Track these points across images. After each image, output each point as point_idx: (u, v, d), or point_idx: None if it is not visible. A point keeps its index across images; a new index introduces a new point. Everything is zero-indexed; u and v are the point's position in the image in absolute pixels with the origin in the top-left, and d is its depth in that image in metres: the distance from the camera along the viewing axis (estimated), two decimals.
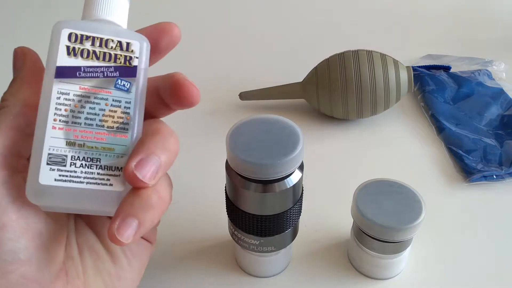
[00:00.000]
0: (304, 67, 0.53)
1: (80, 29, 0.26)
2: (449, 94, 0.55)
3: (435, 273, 0.37)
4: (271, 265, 0.36)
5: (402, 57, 0.53)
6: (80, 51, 0.26)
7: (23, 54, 0.27)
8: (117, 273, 0.29)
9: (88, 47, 0.27)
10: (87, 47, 0.27)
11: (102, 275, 0.28)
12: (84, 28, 0.27)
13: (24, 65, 0.27)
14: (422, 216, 0.32)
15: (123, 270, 0.29)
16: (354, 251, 0.36)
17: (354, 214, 0.34)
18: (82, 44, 0.27)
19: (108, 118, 0.26)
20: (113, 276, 0.29)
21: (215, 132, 0.36)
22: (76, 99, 0.26)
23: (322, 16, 0.76)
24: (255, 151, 0.28)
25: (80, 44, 0.27)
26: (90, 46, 0.27)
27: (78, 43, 0.26)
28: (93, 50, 0.27)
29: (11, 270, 0.23)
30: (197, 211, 0.42)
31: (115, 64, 0.27)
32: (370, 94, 0.48)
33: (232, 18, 0.76)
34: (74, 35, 0.26)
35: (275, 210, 0.31)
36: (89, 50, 0.27)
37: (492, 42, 0.67)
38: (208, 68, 0.62)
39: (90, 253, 0.28)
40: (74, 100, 0.26)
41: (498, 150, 0.47)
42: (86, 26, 0.27)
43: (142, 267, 0.31)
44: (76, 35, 0.26)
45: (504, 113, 0.53)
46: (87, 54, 0.27)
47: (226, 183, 0.32)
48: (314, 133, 0.51)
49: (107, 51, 0.27)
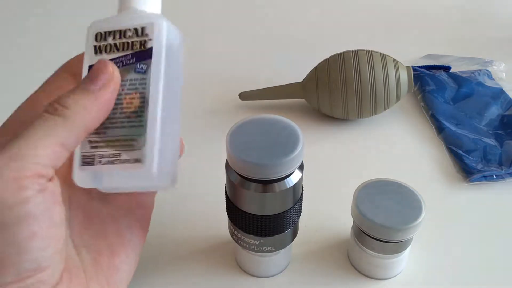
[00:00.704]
0: (304, 67, 0.53)
1: (105, 26, 0.28)
2: (449, 94, 0.55)
3: (435, 273, 0.37)
4: (271, 265, 0.36)
5: (402, 57, 0.53)
6: (104, 47, 0.28)
7: (107, 70, 0.27)
8: (116, 266, 0.30)
9: (110, 41, 0.28)
10: (109, 42, 0.28)
11: (102, 269, 0.29)
12: (109, 24, 0.28)
13: (98, 79, 0.26)
14: (422, 216, 0.32)
15: (122, 262, 0.30)
16: (354, 251, 0.36)
17: (354, 214, 0.34)
18: (106, 40, 0.28)
19: (127, 105, 0.27)
20: (112, 269, 0.30)
21: (215, 132, 0.36)
22: None
23: (322, 16, 0.76)
24: (255, 151, 0.28)
25: (104, 40, 0.28)
26: (112, 40, 0.28)
27: (103, 41, 0.28)
28: (114, 44, 0.28)
29: (30, 275, 0.23)
30: (197, 211, 0.42)
31: (132, 51, 0.28)
32: (370, 94, 0.48)
33: (232, 18, 0.76)
34: (99, 34, 0.28)
35: (275, 210, 0.31)
36: (111, 44, 0.28)
37: (492, 42, 0.67)
38: (208, 68, 0.62)
39: (88, 251, 0.29)
40: None
41: (498, 150, 0.47)
42: (111, 21, 0.28)
43: (137, 257, 0.32)
44: (101, 34, 0.28)
45: (504, 113, 0.53)
46: (109, 49, 0.28)
47: (226, 183, 0.32)
48: (314, 133, 0.51)
49: (125, 40, 0.28)
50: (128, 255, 0.31)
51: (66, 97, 0.25)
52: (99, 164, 0.27)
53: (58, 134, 0.24)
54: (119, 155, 0.27)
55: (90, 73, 0.26)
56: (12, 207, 0.22)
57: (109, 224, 0.31)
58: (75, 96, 0.25)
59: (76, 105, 0.25)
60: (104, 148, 0.27)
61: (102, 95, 0.26)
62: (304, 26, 0.73)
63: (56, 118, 0.24)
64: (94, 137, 0.27)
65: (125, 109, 0.27)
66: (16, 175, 0.22)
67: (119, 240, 0.31)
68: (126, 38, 0.28)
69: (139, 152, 0.27)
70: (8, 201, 0.22)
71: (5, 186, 0.22)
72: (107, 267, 0.30)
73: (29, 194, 0.22)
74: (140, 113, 0.27)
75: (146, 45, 0.27)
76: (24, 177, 0.22)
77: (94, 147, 0.27)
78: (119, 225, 0.31)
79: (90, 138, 0.27)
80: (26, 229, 0.22)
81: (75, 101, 0.25)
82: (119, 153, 0.27)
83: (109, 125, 0.27)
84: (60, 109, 0.24)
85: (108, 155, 0.27)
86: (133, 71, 0.27)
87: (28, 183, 0.22)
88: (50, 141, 0.23)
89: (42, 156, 0.23)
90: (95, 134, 0.27)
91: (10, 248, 0.22)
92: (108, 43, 0.28)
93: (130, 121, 0.27)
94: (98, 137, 0.27)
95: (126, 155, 0.27)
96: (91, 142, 0.27)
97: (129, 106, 0.27)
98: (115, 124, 0.27)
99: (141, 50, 0.27)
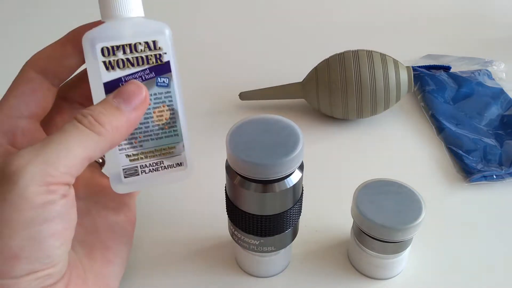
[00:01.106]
0: (304, 67, 0.53)
1: (110, 39, 0.27)
2: (449, 94, 0.55)
3: (435, 273, 0.37)
4: (271, 265, 0.36)
5: (402, 57, 0.53)
6: (115, 62, 0.28)
7: (141, 93, 0.28)
8: (109, 259, 0.32)
9: (121, 56, 0.28)
10: (120, 57, 0.28)
11: (96, 262, 0.31)
12: (112, 36, 0.28)
13: (132, 101, 0.28)
14: (422, 216, 0.32)
15: (114, 255, 0.32)
16: (354, 251, 0.36)
17: (354, 214, 0.34)
18: (115, 55, 0.28)
19: (158, 118, 0.29)
20: (106, 262, 0.31)
21: (215, 132, 0.36)
22: None
23: (322, 16, 0.76)
24: (255, 151, 0.28)
25: (114, 55, 0.28)
26: (122, 55, 0.28)
27: (112, 56, 0.28)
28: (126, 58, 0.28)
29: (41, 270, 0.25)
30: (197, 211, 0.42)
31: (149, 65, 0.29)
32: (370, 94, 0.48)
33: (232, 18, 0.76)
34: (106, 49, 0.28)
35: (275, 210, 0.31)
36: (123, 59, 0.28)
37: (492, 42, 0.67)
38: (208, 68, 0.62)
39: (82, 245, 0.30)
40: None
41: (498, 150, 0.47)
42: (112, 32, 0.28)
43: (128, 252, 0.34)
44: (108, 49, 0.28)
45: (504, 113, 0.53)
46: (122, 64, 0.28)
47: (226, 183, 0.32)
48: (314, 133, 0.51)
49: (138, 55, 0.28)
50: (120, 249, 0.33)
51: (102, 114, 0.26)
52: (144, 173, 0.30)
53: (89, 148, 0.26)
54: (161, 162, 0.30)
55: (124, 92, 0.27)
56: (40, 207, 0.24)
57: (99, 222, 0.32)
58: (110, 115, 0.27)
59: (110, 125, 0.26)
60: (144, 159, 0.30)
61: (134, 117, 0.28)
62: (304, 26, 0.73)
63: (90, 134, 0.26)
64: (131, 151, 0.29)
65: (156, 122, 0.29)
66: (48, 180, 0.24)
67: (110, 235, 0.32)
68: (139, 53, 0.28)
69: (180, 157, 0.31)
70: (37, 201, 0.24)
71: (36, 187, 0.23)
72: (100, 261, 0.31)
73: (56, 197, 0.24)
74: (173, 124, 0.30)
75: (163, 59, 0.29)
76: (54, 182, 0.24)
77: (134, 160, 0.30)
78: (108, 222, 0.33)
79: (127, 152, 0.30)
80: (49, 228, 0.24)
81: (109, 120, 0.26)
82: (161, 161, 0.30)
83: (144, 139, 0.30)
84: (96, 126, 0.26)
85: (150, 164, 0.30)
86: (154, 85, 0.29)
87: (56, 188, 0.24)
88: (81, 154, 0.25)
89: (72, 167, 0.25)
90: (132, 148, 0.30)
91: (30, 244, 0.24)
92: (119, 58, 0.28)
93: (164, 132, 0.30)
94: (135, 150, 0.30)
95: (168, 161, 0.30)
96: (129, 156, 0.30)
97: (160, 118, 0.29)
98: (150, 137, 0.30)
99: (159, 64, 0.29)
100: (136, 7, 0.28)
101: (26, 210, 0.23)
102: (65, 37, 0.30)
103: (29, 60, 0.30)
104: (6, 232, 0.23)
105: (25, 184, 0.23)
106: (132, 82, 0.28)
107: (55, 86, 0.30)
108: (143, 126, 0.29)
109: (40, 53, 0.30)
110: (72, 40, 0.29)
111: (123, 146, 0.29)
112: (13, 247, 0.24)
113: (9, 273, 0.24)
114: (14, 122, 0.29)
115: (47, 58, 0.29)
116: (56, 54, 0.29)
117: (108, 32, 0.28)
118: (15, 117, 0.29)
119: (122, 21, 0.28)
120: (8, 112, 0.29)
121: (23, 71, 0.29)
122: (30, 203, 0.23)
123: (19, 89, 0.29)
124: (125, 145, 0.29)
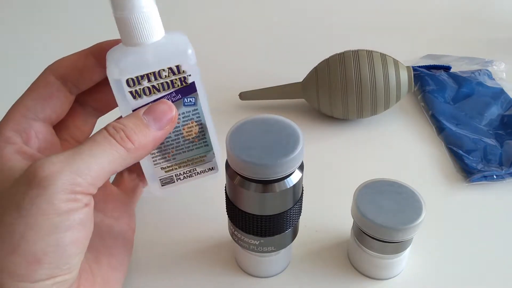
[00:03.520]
0: (304, 67, 0.53)
1: (134, 70, 0.28)
2: (449, 94, 0.55)
3: (435, 273, 0.37)
4: (271, 265, 0.36)
5: (402, 57, 0.53)
6: (142, 91, 0.29)
7: (171, 113, 0.29)
8: (114, 265, 0.33)
9: (147, 84, 0.28)
10: (145, 85, 0.28)
11: (103, 267, 0.31)
12: (137, 67, 0.28)
13: (162, 122, 0.28)
14: (422, 216, 0.32)
15: (118, 261, 0.33)
16: (354, 251, 0.36)
17: (354, 214, 0.34)
18: (141, 84, 0.28)
19: (188, 133, 0.31)
20: (111, 268, 0.32)
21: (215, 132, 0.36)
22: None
23: (322, 16, 0.76)
24: (255, 151, 0.28)
25: (139, 85, 0.28)
26: (147, 83, 0.28)
27: (138, 85, 0.28)
28: (152, 86, 0.29)
29: (59, 275, 0.25)
30: (197, 211, 0.42)
31: (174, 88, 0.29)
32: (370, 94, 0.48)
33: (232, 18, 0.76)
34: (131, 80, 0.28)
35: (275, 210, 0.31)
36: (149, 87, 0.29)
37: (492, 42, 0.67)
38: (208, 68, 0.62)
39: (89, 250, 0.30)
40: None
41: (498, 150, 0.47)
42: (136, 62, 0.28)
43: (129, 258, 0.35)
44: (133, 80, 0.28)
45: (504, 113, 0.52)
46: (148, 91, 0.29)
47: (226, 183, 0.32)
48: (314, 133, 0.51)
49: (163, 81, 0.29)
50: (123, 255, 0.34)
51: (133, 131, 0.27)
52: (179, 181, 0.32)
53: (116, 163, 0.26)
54: (194, 170, 0.32)
55: (155, 111, 0.28)
56: (65, 214, 0.24)
57: (103, 230, 0.33)
58: (139, 133, 0.27)
59: (139, 143, 0.27)
60: (178, 169, 0.32)
61: (160, 135, 0.28)
62: (304, 26, 0.73)
63: (120, 149, 0.26)
64: (165, 164, 0.31)
65: (186, 137, 0.31)
66: (75, 189, 0.25)
67: (113, 242, 0.33)
68: (163, 78, 0.29)
69: (211, 163, 0.33)
70: (63, 208, 0.24)
71: (64, 195, 0.24)
72: (107, 266, 0.31)
73: (80, 206, 0.25)
74: (202, 137, 0.31)
75: (187, 81, 0.29)
76: (80, 192, 0.25)
77: (169, 171, 0.32)
78: (111, 229, 0.34)
79: (161, 165, 0.31)
80: (71, 235, 0.25)
81: (139, 138, 0.27)
82: (193, 168, 0.32)
83: (176, 153, 0.31)
84: (127, 143, 0.27)
85: (184, 172, 0.32)
86: (182, 105, 0.30)
87: (81, 197, 0.25)
88: (108, 168, 0.26)
89: (98, 179, 0.26)
90: (166, 161, 0.31)
91: (53, 250, 0.24)
92: (144, 86, 0.28)
93: (195, 145, 0.31)
94: (169, 163, 0.31)
95: (200, 168, 0.33)
96: (163, 168, 0.32)
97: (189, 133, 0.31)
98: (182, 150, 0.31)
99: (184, 86, 0.29)
100: (157, 31, 0.28)
101: (52, 216, 0.24)
102: (89, 49, 0.30)
103: (51, 65, 0.30)
104: (31, 236, 0.24)
105: (54, 191, 0.24)
106: (164, 101, 0.29)
107: (72, 94, 0.31)
108: (174, 142, 0.31)
109: (62, 60, 0.30)
110: (96, 54, 0.30)
111: (157, 161, 0.31)
112: (37, 251, 0.24)
113: (30, 277, 0.24)
114: (29, 123, 0.29)
115: (69, 67, 0.30)
116: (78, 64, 0.30)
117: (132, 62, 0.28)
118: (30, 119, 0.29)
119: (144, 48, 0.28)
120: (24, 112, 0.29)
121: (43, 75, 0.30)
122: (56, 209, 0.24)
123: (37, 91, 0.30)
124: (159, 159, 0.31)
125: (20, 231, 0.24)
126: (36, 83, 0.30)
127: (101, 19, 0.30)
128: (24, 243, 0.24)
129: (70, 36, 0.70)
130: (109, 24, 0.29)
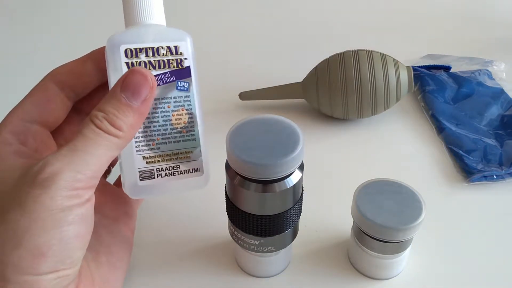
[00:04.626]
0: (304, 67, 0.53)
1: (133, 42, 0.28)
2: (449, 94, 0.55)
3: (435, 273, 0.37)
4: (271, 265, 0.36)
5: (402, 57, 0.53)
6: (138, 64, 0.29)
7: (147, 83, 0.28)
8: (114, 264, 0.32)
9: (144, 58, 0.29)
10: (142, 59, 0.29)
11: (103, 266, 0.32)
12: (136, 39, 0.28)
13: (140, 94, 0.28)
14: (422, 216, 0.32)
15: (118, 260, 0.33)
16: (354, 251, 0.36)
17: (354, 214, 0.34)
18: (138, 57, 0.29)
19: (176, 120, 0.30)
20: (111, 267, 0.32)
21: (215, 132, 0.36)
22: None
23: (322, 16, 0.76)
24: (255, 151, 0.28)
25: (136, 57, 0.29)
26: (145, 57, 0.29)
27: (135, 57, 0.29)
28: (148, 61, 0.29)
29: (62, 269, 0.26)
30: (197, 211, 0.42)
31: (170, 69, 0.29)
32: (370, 94, 0.48)
33: (232, 18, 0.76)
34: (129, 50, 0.28)
35: (275, 210, 0.31)
36: (145, 61, 0.29)
37: (492, 42, 0.67)
38: (208, 68, 0.62)
39: (88, 250, 0.30)
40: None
41: (498, 150, 0.47)
42: (136, 36, 0.29)
43: (129, 258, 0.35)
44: (131, 50, 0.28)
45: (504, 113, 0.53)
46: (144, 66, 0.29)
47: (226, 183, 0.32)
48: (314, 133, 0.51)
49: (160, 58, 0.29)
50: (122, 254, 0.34)
51: (116, 117, 0.27)
52: (160, 177, 0.30)
53: (111, 150, 0.27)
54: (177, 167, 0.30)
55: (130, 84, 0.27)
56: (68, 209, 0.25)
57: (101, 229, 0.33)
58: (124, 117, 0.27)
59: (126, 126, 0.27)
60: (161, 162, 0.30)
61: (144, 110, 0.28)
62: (304, 26, 0.73)
63: (111, 138, 0.27)
64: (148, 153, 0.30)
65: (175, 125, 0.30)
66: (76, 185, 0.25)
67: (113, 241, 0.33)
68: (160, 56, 0.29)
69: (197, 162, 0.31)
70: (66, 203, 0.25)
71: (66, 191, 0.25)
72: (106, 265, 0.32)
73: (82, 201, 0.26)
74: (191, 128, 0.30)
75: (183, 64, 0.30)
76: (81, 187, 0.26)
77: (150, 162, 0.30)
78: (110, 229, 0.34)
79: (144, 154, 0.30)
80: (74, 229, 0.26)
81: (125, 122, 0.27)
82: (177, 165, 0.30)
83: (162, 142, 0.30)
84: (116, 131, 0.27)
85: (167, 168, 0.30)
86: (174, 89, 0.29)
87: (83, 193, 0.26)
88: (105, 157, 0.27)
89: (98, 171, 0.26)
90: (149, 150, 0.29)
91: (57, 243, 0.25)
92: (141, 60, 0.29)
93: (182, 136, 0.30)
94: (153, 152, 0.30)
95: (184, 166, 0.30)
96: (145, 158, 0.30)
97: (178, 122, 0.30)
98: (168, 140, 0.30)
99: (179, 68, 0.29)
100: (158, 15, 0.29)
101: (55, 211, 0.25)
102: (87, 55, 0.32)
103: (50, 72, 0.32)
104: (35, 230, 0.24)
105: (57, 189, 0.25)
106: (135, 71, 0.27)
107: (70, 100, 0.32)
108: (161, 129, 0.30)
109: (61, 67, 0.32)
110: (93, 58, 0.31)
111: (140, 148, 0.30)
112: (41, 244, 0.25)
113: (35, 270, 0.25)
114: (27, 126, 0.30)
115: (67, 73, 0.31)
116: (76, 69, 0.31)
117: (131, 36, 0.29)
118: (28, 122, 0.30)
119: (145, 27, 0.29)
120: (22, 116, 0.30)
121: (43, 81, 0.31)
122: (59, 205, 0.25)
123: (35, 96, 0.31)
124: (143, 146, 0.30)
125: (24, 225, 0.24)
126: (35, 89, 0.31)
127: (101, 20, 0.30)
128: (29, 237, 0.24)
129: (71, 39, 0.70)
130: (109, 24, 0.29)
